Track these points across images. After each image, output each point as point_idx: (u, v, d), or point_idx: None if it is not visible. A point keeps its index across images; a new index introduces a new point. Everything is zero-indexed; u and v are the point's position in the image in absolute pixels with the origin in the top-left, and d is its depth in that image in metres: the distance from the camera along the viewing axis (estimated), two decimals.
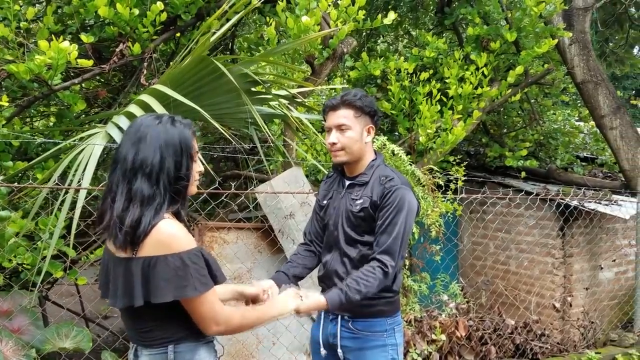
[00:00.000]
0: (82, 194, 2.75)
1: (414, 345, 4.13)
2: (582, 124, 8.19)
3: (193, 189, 1.78)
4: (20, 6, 3.48)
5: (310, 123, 4.00)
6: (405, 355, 3.99)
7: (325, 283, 2.44)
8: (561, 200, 5.21)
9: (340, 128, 2.34)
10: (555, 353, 5.02)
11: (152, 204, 1.61)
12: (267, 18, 4.48)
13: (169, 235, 1.60)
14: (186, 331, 1.70)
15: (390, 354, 2.37)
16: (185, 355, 1.70)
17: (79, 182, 2.79)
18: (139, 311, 1.64)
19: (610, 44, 9.18)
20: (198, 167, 1.79)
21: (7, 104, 3.20)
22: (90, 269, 4.02)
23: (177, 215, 1.71)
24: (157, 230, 1.60)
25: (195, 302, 1.63)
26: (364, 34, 6.99)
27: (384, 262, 2.20)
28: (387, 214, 2.25)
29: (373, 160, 2.41)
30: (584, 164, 7.05)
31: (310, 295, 2.09)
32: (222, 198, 3.59)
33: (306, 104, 4.22)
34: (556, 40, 5.47)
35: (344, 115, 2.34)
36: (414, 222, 2.38)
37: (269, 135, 3.51)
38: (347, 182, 2.42)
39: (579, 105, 8.30)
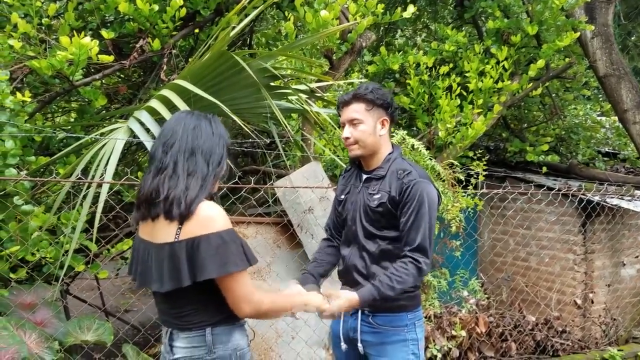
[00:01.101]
0: (105, 188, 2.77)
1: (434, 341, 4.11)
2: (603, 118, 8.07)
3: (217, 184, 1.89)
4: (42, 3, 3.52)
5: (328, 117, 3.99)
6: (424, 350, 3.97)
7: (345, 278, 2.43)
8: (583, 196, 5.13)
9: (352, 122, 2.34)
10: (576, 350, 4.95)
11: (206, 181, 1.76)
12: (286, 13, 4.47)
13: (209, 215, 1.71)
14: (223, 314, 1.78)
15: (411, 349, 2.36)
16: (221, 337, 1.79)
17: (101, 176, 2.81)
18: (179, 295, 1.73)
19: (633, 38, 9.02)
20: None
21: (29, 100, 3.23)
22: (109, 263, 4.06)
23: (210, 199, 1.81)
24: (199, 210, 1.70)
25: (233, 279, 1.71)
26: (382, 28, 6.95)
27: (418, 259, 2.20)
28: (410, 211, 2.23)
29: (390, 153, 2.40)
30: (605, 159, 6.93)
31: (341, 295, 2.10)
32: (242, 193, 3.60)
33: (326, 98, 4.20)
34: (578, 34, 5.38)
35: (355, 110, 2.34)
36: (436, 214, 2.37)
37: (288, 130, 3.51)
38: (364, 176, 2.41)
39: (601, 99, 8.17)
